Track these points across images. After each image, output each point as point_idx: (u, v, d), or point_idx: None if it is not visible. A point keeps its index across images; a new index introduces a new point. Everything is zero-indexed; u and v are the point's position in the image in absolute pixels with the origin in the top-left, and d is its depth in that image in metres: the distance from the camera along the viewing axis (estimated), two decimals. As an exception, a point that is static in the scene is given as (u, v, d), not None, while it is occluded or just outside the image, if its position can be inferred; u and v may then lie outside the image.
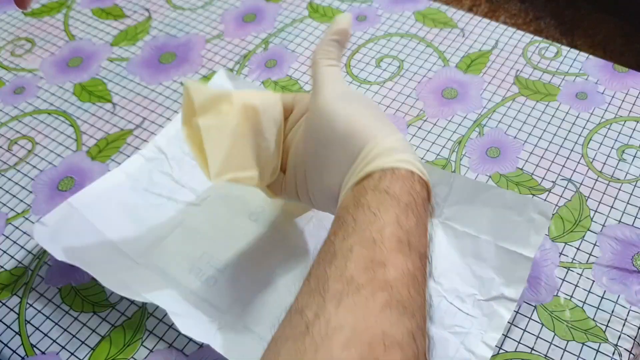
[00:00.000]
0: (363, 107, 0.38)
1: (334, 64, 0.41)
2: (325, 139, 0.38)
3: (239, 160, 0.41)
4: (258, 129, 0.41)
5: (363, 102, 0.39)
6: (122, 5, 0.70)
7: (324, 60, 0.40)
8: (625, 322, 0.43)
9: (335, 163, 0.37)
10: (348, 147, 0.36)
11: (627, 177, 0.51)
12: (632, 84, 0.58)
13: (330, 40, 0.40)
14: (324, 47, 0.41)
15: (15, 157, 0.56)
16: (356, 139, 0.36)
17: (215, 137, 0.40)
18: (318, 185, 0.40)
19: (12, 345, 0.45)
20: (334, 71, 0.40)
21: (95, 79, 0.62)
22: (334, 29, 0.41)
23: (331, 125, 0.37)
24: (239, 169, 0.41)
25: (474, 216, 0.47)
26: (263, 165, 0.42)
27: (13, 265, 0.49)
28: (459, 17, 0.65)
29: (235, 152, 0.40)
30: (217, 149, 0.40)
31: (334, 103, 0.38)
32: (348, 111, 0.38)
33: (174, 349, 0.44)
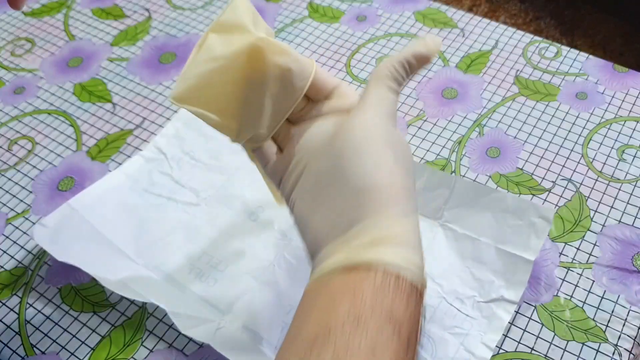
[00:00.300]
0: (398, 161, 0.32)
1: (395, 89, 0.34)
2: (339, 169, 0.32)
3: (211, 98, 0.35)
4: (261, 82, 0.35)
5: (400, 155, 0.33)
6: (122, 5, 0.70)
7: (386, 80, 0.34)
8: (625, 322, 0.43)
9: (333, 205, 0.32)
10: (356, 201, 0.31)
11: (627, 177, 0.51)
12: (632, 84, 0.58)
13: (406, 60, 0.34)
14: (394, 64, 0.34)
15: (15, 157, 0.56)
16: (370, 199, 0.31)
17: (198, 60, 0.35)
18: (303, 210, 0.34)
19: (12, 345, 0.45)
20: (390, 99, 0.34)
21: (95, 79, 0.62)
22: (416, 50, 0.34)
23: (354, 160, 0.32)
24: (204, 105, 0.35)
25: (475, 219, 0.47)
26: (245, 121, 0.36)
27: (13, 265, 0.49)
28: (459, 17, 0.65)
29: (211, 87, 0.35)
30: (190, 73, 0.35)
31: (370, 137, 0.32)
32: (379, 157, 0.32)
33: (174, 348, 0.44)
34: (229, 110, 0.36)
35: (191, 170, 0.53)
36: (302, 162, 0.35)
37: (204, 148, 0.54)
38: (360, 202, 0.31)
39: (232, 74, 0.34)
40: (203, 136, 0.55)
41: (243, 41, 0.34)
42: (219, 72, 0.34)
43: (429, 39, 0.35)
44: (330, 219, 0.32)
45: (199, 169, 0.53)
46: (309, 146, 0.35)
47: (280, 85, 0.35)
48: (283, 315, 0.44)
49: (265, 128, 0.36)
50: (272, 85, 0.35)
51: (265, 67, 0.34)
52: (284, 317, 0.44)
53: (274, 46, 0.34)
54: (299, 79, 0.35)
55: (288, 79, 0.35)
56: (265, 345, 0.43)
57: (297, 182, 0.35)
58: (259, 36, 0.34)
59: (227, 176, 0.52)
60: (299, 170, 0.35)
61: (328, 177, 0.33)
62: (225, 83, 0.35)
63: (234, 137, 0.37)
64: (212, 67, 0.34)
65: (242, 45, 0.34)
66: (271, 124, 0.36)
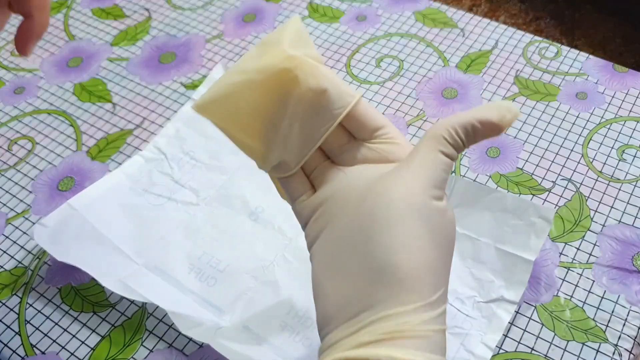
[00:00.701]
0: (433, 241, 0.28)
1: (450, 154, 0.30)
2: (365, 237, 0.29)
3: (236, 113, 0.32)
4: (290, 103, 0.32)
5: (439, 233, 0.29)
6: (122, 5, 0.70)
7: (441, 143, 0.29)
8: (626, 322, 0.43)
9: (350, 278, 0.29)
10: (374, 281, 0.28)
11: (627, 177, 0.51)
12: (632, 83, 0.58)
13: (470, 124, 0.29)
14: (455, 126, 0.29)
15: (15, 157, 0.56)
16: (389, 282, 0.27)
17: (229, 72, 0.32)
18: (319, 271, 0.31)
19: (12, 345, 0.45)
20: (442, 166, 0.29)
21: (95, 79, 0.62)
22: (485, 116, 0.29)
23: (381, 233, 0.28)
24: (228, 120, 0.33)
25: (475, 219, 0.47)
26: (271, 146, 0.33)
27: (13, 265, 0.49)
28: (459, 17, 0.65)
29: (236, 101, 0.32)
30: (218, 84, 0.32)
31: (406, 210, 0.28)
32: (411, 234, 0.28)
33: (173, 349, 0.44)
34: (255, 130, 0.33)
35: (191, 170, 0.53)
36: (329, 212, 0.31)
37: (204, 148, 0.54)
38: (378, 283, 0.28)
39: (259, 90, 0.31)
40: (203, 136, 0.55)
41: (274, 57, 0.31)
42: (245, 86, 0.31)
43: (505, 105, 0.29)
44: (344, 295, 0.29)
45: (199, 169, 0.53)
46: (341, 197, 0.31)
47: (312, 109, 0.31)
48: (283, 315, 0.44)
49: (293, 156, 0.32)
50: (303, 108, 0.31)
51: (296, 87, 0.31)
52: (283, 317, 0.44)
53: (308, 66, 0.31)
54: (335, 107, 0.31)
55: (322, 104, 0.31)
56: (265, 345, 0.43)
57: (320, 234, 0.31)
58: (293, 54, 0.31)
59: (227, 176, 0.52)
60: (324, 221, 0.31)
61: (351, 241, 0.29)
62: (252, 99, 0.32)
63: (260, 161, 0.34)
64: (238, 80, 0.31)
65: (272, 61, 0.31)
66: (300, 152, 0.32)
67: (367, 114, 0.32)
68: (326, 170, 0.33)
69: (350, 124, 0.32)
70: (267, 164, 0.34)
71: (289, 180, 0.34)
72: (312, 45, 0.33)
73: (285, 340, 0.43)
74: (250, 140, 0.33)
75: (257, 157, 0.34)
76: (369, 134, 0.32)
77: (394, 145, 0.32)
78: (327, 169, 0.33)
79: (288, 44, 0.31)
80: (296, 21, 0.33)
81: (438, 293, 0.28)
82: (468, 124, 0.29)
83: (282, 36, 0.31)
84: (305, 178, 0.34)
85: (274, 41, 0.32)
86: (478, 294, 0.44)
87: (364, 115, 0.32)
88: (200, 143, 0.55)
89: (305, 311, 0.45)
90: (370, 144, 0.32)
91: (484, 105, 0.30)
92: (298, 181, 0.33)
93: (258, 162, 0.34)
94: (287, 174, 0.33)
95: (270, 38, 0.32)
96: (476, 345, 0.42)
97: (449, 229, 0.30)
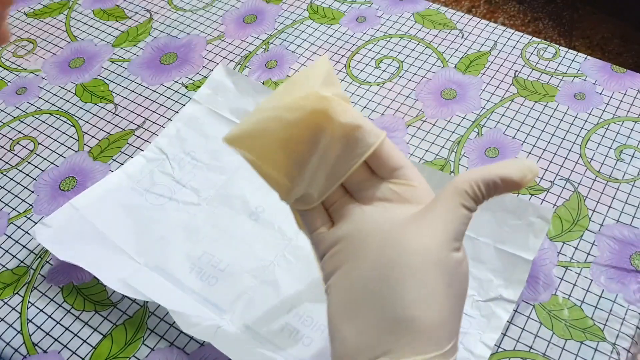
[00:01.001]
0: (449, 294, 0.30)
1: (470, 207, 0.31)
2: (384, 285, 0.30)
3: (265, 147, 0.34)
4: (320, 141, 0.33)
5: (455, 286, 0.30)
6: (124, 6, 0.70)
7: (462, 196, 0.31)
8: (624, 321, 0.44)
9: (368, 325, 0.30)
10: (393, 331, 0.29)
11: (625, 176, 0.51)
12: (630, 84, 0.58)
13: (492, 180, 0.30)
14: (478, 182, 0.30)
15: (17, 157, 0.57)
16: (407, 333, 0.29)
17: (261, 107, 0.34)
18: (336, 312, 0.32)
19: (14, 344, 0.45)
20: (461, 219, 0.31)
21: (97, 80, 0.63)
22: (507, 174, 0.30)
23: (401, 284, 0.29)
24: (257, 153, 0.34)
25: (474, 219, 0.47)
26: (297, 179, 0.35)
27: (15, 265, 0.49)
28: (458, 18, 0.65)
29: (265, 136, 0.33)
30: (250, 118, 0.34)
31: (427, 263, 0.29)
32: (430, 289, 0.29)
33: (175, 347, 0.45)
34: (282, 164, 0.34)
35: (192, 170, 0.53)
36: (347, 250, 0.32)
37: (204, 148, 0.54)
38: (396, 332, 0.29)
39: (290, 127, 0.33)
40: (204, 136, 0.55)
41: (307, 97, 0.33)
42: (276, 122, 0.33)
43: (527, 165, 0.30)
44: (361, 340, 0.30)
45: (199, 169, 0.53)
46: (360, 237, 0.32)
47: (341, 147, 0.33)
48: (283, 315, 0.45)
49: (317, 190, 0.34)
50: (331, 145, 0.33)
51: (327, 125, 0.33)
52: (284, 316, 0.45)
53: (339, 106, 0.33)
54: (362, 145, 0.33)
55: (350, 141, 0.33)
56: (266, 344, 0.43)
57: (337, 270, 0.33)
58: (325, 95, 0.32)
59: (227, 176, 0.53)
60: (342, 257, 0.32)
61: (370, 288, 0.30)
62: (281, 135, 0.33)
63: (284, 194, 0.35)
64: (269, 115, 0.33)
65: (305, 101, 0.33)
66: (324, 186, 0.34)
67: (389, 153, 0.34)
68: (346, 205, 0.34)
69: (372, 162, 0.34)
70: (290, 197, 0.35)
71: (309, 212, 0.35)
72: (339, 85, 0.35)
73: (286, 339, 0.44)
74: (277, 174, 0.34)
75: (281, 189, 0.35)
76: (389, 172, 0.34)
77: (412, 188, 0.33)
78: (347, 205, 0.34)
79: (316, 84, 0.33)
80: (325, 61, 0.34)
81: (451, 343, 0.29)
82: (490, 181, 0.30)
83: (312, 75, 0.33)
84: (324, 211, 0.35)
85: (304, 80, 0.33)
86: (477, 293, 0.45)
87: (386, 155, 0.33)
88: (201, 143, 0.55)
89: (305, 310, 0.45)
90: (390, 184, 0.33)
91: (507, 161, 0.31)
92: (318, 214, 0.35)
93: (281, 195, 0.35)
94: (309, 207, 0.35)
95: (299, 77, 0.34)
96: (475, 344, 0.43)
97: (464, 279, 0.31)
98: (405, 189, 0.33)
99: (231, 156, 0.53)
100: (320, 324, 0.44)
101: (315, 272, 0.44)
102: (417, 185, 0.33)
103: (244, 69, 0.62)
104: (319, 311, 0.45)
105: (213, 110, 0.57)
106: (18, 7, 0.72)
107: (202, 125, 0.56)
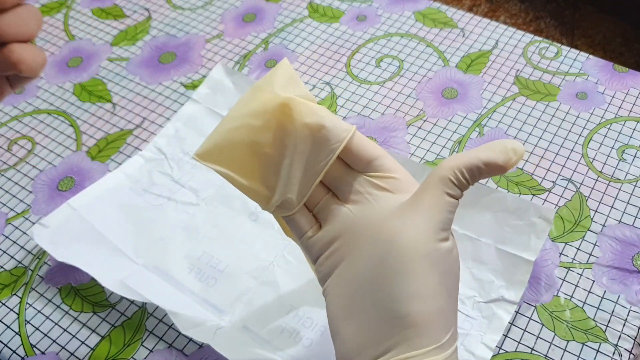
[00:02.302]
0: (442, 283, 0.30)
1: (455, 195, 0.31)
2: (380, 282, 0.30)
3: (236, 158, 0.34)
4: (288, 143, 0.33)
5: (447, 275, 0.30)
6: (122, 5, 0.70)
7: (446, 185, 0.30)
8: (626, 322, 0.43)
9: (367, 322, 0.30)
10: (392, 326, 0.29)
11: (627, 177, 0.51)
12: (632, 83, 0.58)
13: (475, 166, 0.30)
14: (461, 169, 0.30)
15: (15, 157, 0.56)
16: (405, 328, 0.29)
17: (225, 119, 0.34)
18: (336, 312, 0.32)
19: (12, 345, 0.45)
20: (447, 207, 0.31)
21: (95, 79, 0.62)
22: (491, 158, 0.30)
23: (397, 279, 0.30)
24: (229, 166, 0.34)
25: (475, 219, 0.47)
26: (273, 186, 0.34)
27: (13, 266, 0.49)
28: (459, 17, 0.65)
29: (234, 147, 0.34)
30: (216, 131, 0.34)
31: (418, 256, 0.30)
32: (424, 282, 0.29)
33: (173, 349, 0.44)
34: (256, 173, 0.34)
35: (191, 170, 0.53)
36: (340, 251, 0.32)
37: (203, 148, 0.54)
38: (393, 329, 0.29)
39: (255, 133, 0.33)
40: (203, 136, 0.55)
41: (267, 100, 0.33)
42: (241, 131, 0.33)
43: (510, 146, 0.30)
44: (362, 339, 0.30)
45: (198, 169, 0.53)
46: (351, 237, 0.32)
47: (310, 146, 0.33)
48: (283, 316, 0.44)
49: (296, 194, 0.34)
50: (300, 146, 0.33)
51: (292, 126, 0.33)
52: (283, 317, 0.44)
53: (302, 106, 0.33)
54: (332, 141, 0.33)
55: (319, 140, 0.33)
56: (265, 345, 0.43)
57: (334, 270, 0.33)
58: (285, 95, 0.33)
59: (227, 176, 0.52)
60: (336, 258, 0.33)
61: (366, 287, 0.31)
62: (249, 143, 0.33)
63: (264, 203, 0.35)
64: (234, 125, 0.33)
65: (265, 104, 0.33)
66: (302, 189, 0.34)
67: (361, 146, 0.33)
68: (330, 205, 0.34)
69: (347, 157, 0.33)
70: (270, 205, 0.35)
71: (293, 218, 0.34)
72: (302, 85, 0.34)
73: (285, 340, 0.43)
74: (253, 184, 0.35)
75: (260, 199, 0.35)
76: (365, 165, 0.33)
77: (393, 180, 0.33)
78: (331, 205, 0.34)
79: (278, 87, 0.33)
80: (285, 64, 0.34)
81: (449, 334, 0.30)
82: (473, 166, 0.30)
83: (274, 79, 0.33)
84: (309, 214, 0.35)
85: (265, 86, 0.33)
86: (478, 294, 0.44)
87: (358, 148, 0.33)
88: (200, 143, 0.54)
89: (305, 311, 0.45)
90: (370, 178, 0.33)
91: (489, 144, 0.31)
92: (303, 218, 0.34)
93: (262, 204, 0.35)
94: (291, 212, 0.34)
95: (260, 84, 0.34)
96: (476, 346, 0.42)
97: (455, 267, 0.31)
98: (387, 181, 0.33)
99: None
100: (321, 325, 0.44)
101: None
102: (398, 177, 0.33)
103: (244, 68, 0.62)
104: (318, 312, 0.45)
105: (212, 110, 0.57)
106: (16, 6, 0.72)
107: (201, 125, 0.56)
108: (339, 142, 0.33)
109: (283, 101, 0.33)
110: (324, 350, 0.43)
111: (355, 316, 0.31)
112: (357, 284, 0.31)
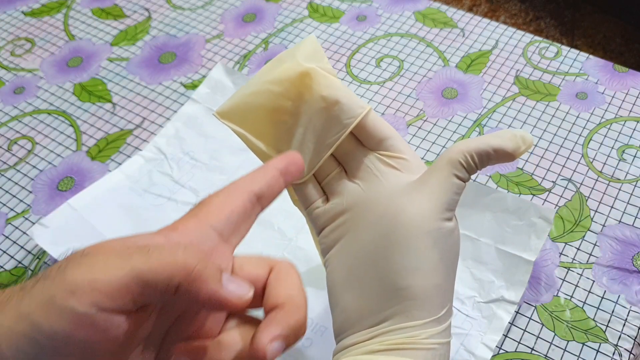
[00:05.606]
0: (442, 260, 0.31)
1: (463, 178, 0.31)
2: (382, 255, 0.31)
3: (254, 121, 0.35)
4: (304, 113, 0.34)
5: (447, 253, 0.31)
6: (122, 5, 0.70)
7: (455, 167, 0.31)
8: (626, 322, 0.43)
9: (367, 293, 0.31)
10: (390, 297, 0.30)
11: (627, 177, 0.51)
12: (632, 83, 0.58)
13: (484, 152, 0.31)
14: (471, 152, 0.31)
15: (15, 157, 0.56)
16: (403, 300, 0.30)
17: (249, 83, 0.35)
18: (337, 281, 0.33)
19: (11, 345, 0.45)
20: (454, 188, 0.31)
21: (95, 79, 0.62)
22: (500, 145, 0.31)
23: (398, 254, 0.30)
24: (247, 127, 0.35)
25: (475, 219, 0.47)
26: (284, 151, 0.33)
27: (13, 266, 0.49)
28: (459, 17, 0.65)
29: (253, 110, 0.34)
30: (239, 92, 0.35)
31: (421, 233, 0.30)
32: (424, 257, 0.30)
33: (173, 349, 0.44)
34: (271, 137, 0.35)
35: (191, 170, 0.53)
36: (346, 225, 0.33)
37: (203, 148, 0.54)
38: (392, 300, 0.30)
39: (275, 99, 0.34)
40: (203, 136, 0.55)
41: (289, 68, 0.34)
42: (262, 95, 0.34)
43: (520, 135, 0.31)
44: (361, 308, 0.31)
45: (198, 169, 0.53)
46: (359, 212, 0.33)
47: (325, 119, 0.34)
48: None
49: (307, 163, 0.34)
50: (315, 117, 0.34)
51: (309, 97, 0.33)
52: (283, 317, 0.44)
53: (321, 78, 0.33)
54: (347, 116, 0.33)
55: (334, 113, 0.33)
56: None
57: (336, 243, 0.34)
58: (307, 66, 0.33)
59: (227, 176, 0.52)
60: (341, 231, 0.33)
61: (368, 259, 0.31)
62: (268, 108, 0.34)
63: None
64: (257, 89, 0.34)
65: (287, 72, 0.34)
66: (313, 160, 0.34)
67: (375, 125, 0.34)
68: (339, 179, 0.35)
69: (360, 134, 0.34)
70: None
71: (302, 187, 0.35)
72: (326, 60, 0.35)
73: (285, 340, 0.43)
74: (267, 147, 0.35)
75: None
76: (377, 143, 0.34)
77: (402, 160, 0.34)
78: (341, 179, 0.35)
79: (302, 58, 0.34)
80: (311, 39, 0.35)
81: (445, 309, 0.31)
82: (483, 151, 0.31)
83: (298, 51, 0.34)
84: (318, 185, 0.36)
85: (290, 56, 0.34)
86: (478, 295, 0.44)
87: (372, 126, 0.34)
88: (200, 143, 0.54)
89: (305, 311, 0.44)
90: (381, 156, 0.34)
91: (500, 132, 0.32)
92: (311, 188, 0.35)
93: None
94: (300, 180, 0.35)
95: (285, 54, 0.35)
96: (476, 346, 0.42)
97: (455, 247, 0.32)
98: (397, 161, 0.34)
99: (231, 156, 0.53)
100: (321, 325, 0.44)
101: (315, 273, 0.44)
102: (408, 158, 0.34)
103: (243, 68, 0.62)
104: (318, 312, 0.44)
105: (212, 110, 0.57)
106: (16, 5, 0.72)
107: (201, 124, 0.56)
108: (352, 118, 0.33)
109: (304, 70, 0.33)
110: (324, 350, 0.43)
111: (355, 286, 0.32)
112: (359, 255, 0.32)
